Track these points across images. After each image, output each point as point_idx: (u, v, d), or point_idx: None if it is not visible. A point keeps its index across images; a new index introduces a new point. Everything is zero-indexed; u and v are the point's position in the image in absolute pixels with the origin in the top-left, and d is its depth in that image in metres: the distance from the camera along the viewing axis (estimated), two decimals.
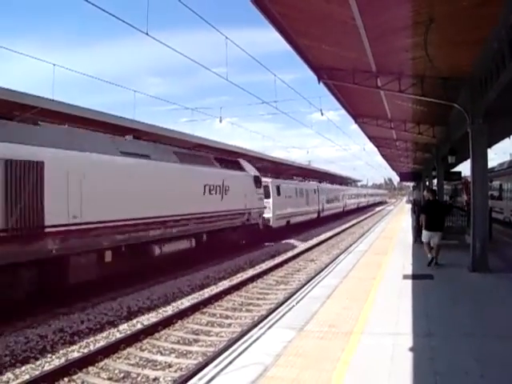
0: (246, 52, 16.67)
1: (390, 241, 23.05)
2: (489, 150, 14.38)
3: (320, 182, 59.38)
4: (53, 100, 15.81)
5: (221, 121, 32.25)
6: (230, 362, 6.91)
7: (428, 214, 15.56)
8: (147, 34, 11.80)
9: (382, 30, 10.60)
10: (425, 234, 15.44)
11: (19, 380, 9.15)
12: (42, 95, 15.34)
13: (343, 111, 22.44)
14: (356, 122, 24.32)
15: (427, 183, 40.58)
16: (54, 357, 10.48)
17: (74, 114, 16.33)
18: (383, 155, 45.74)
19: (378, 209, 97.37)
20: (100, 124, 18.07)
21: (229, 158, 26.82)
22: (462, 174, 34.40)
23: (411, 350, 7.10)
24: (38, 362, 10.13)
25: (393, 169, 69.57)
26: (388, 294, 11.11)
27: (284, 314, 9.62)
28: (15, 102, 14.16)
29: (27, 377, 9.27)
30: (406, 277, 13.15)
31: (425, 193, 18.64)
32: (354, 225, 48.84)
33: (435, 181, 32.21)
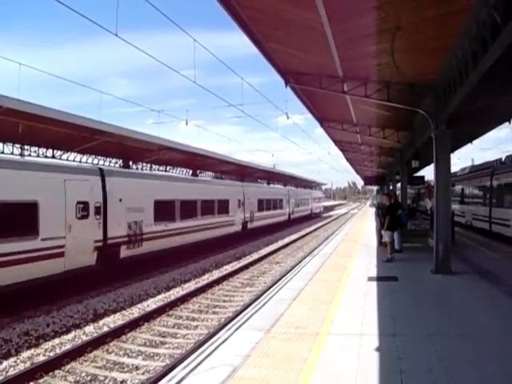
0: (213, 55, 16.62)
1: (355, 243, 23.32)
2: (452, 155, 14.69)
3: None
4: (18, 100, 15.51)
5: (187, 123, 32.15)
6: (199, 363, 6.94)
7: (391, 216, 16.83)
8: (116, 34, 11.69)
9: (350, 36, 10.76)
10: (389, 234, 16.27)
11: None
12: (6, 95, 15.02)
13: (309, 115, 22.60)
14: (322, 126, 24.49)
15: (391, 187, 41.10)
16: (18, 361, 10.38)
17: (40, 114, 16.07)
18: (348, 159, 46.10)
19: (341, 212, 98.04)
20: (67, 125, 17.84)
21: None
22: (425, 179, 34.98)
23: (377, 349, 7.24)
24: (1, 367, 10.01)
25: (357, 173, 70.19)
26: (353, 295, 11.26)
27: (251, 316, 9.67)
28: None
29: None
30: (370, 279, 13.35)
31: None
32: (318, 228, 49.18)
33: (399, 185, 32.65)
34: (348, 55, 12.25)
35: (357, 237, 27.45)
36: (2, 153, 20.90)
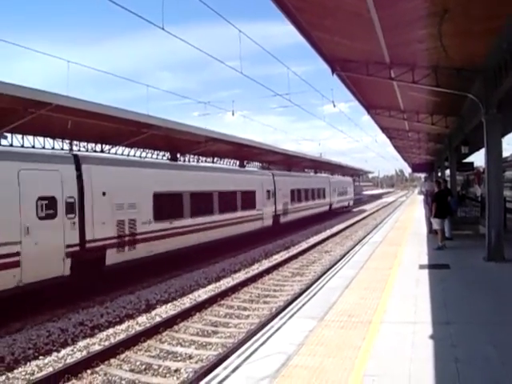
0: (259, 45, 16.62)
1: (404, 231, 23.10)
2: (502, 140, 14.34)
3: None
4: (67, 96, 15.90)
5: (233, 114, 32.24)
6: (254, 352, 7.03)
7: (440, 203, 16.46)
8: (163, 28, 11.83)
9: (396, 22, 10.61)
10: (439, 222, 16.02)
11: (43, 372, 9.37)
12: (56, 92, 15.42)
13: (354, 103, 22.66)
14: (369, 113, 24.24)
15: (439, 174, 40.38)
16: (75, 349, 10.71)
17: (88, 109, 16.43)
18: (395, 146, 45.53)
19: (389, 200, 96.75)
20: (114, 120, 18.20)
21: None
22: (474, 165, 34.25)
23: (431, 337, 7.19)
24: (60, 355, 10.35)
25: (405, 160, 69.27)
26: (405, 283, 11.19)
27: (303, 305, 9.72)
28: (30, 99, 14.29)
29: (51, 369, 9.48)
30: (422, 266, 13.22)
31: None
32: (366, 216, 48.81)
33: (447, 171, 32.07)
34: (395, 41, 12.07)
35: (406, 225, 27.16)
36: (53, 149, 21.43)
